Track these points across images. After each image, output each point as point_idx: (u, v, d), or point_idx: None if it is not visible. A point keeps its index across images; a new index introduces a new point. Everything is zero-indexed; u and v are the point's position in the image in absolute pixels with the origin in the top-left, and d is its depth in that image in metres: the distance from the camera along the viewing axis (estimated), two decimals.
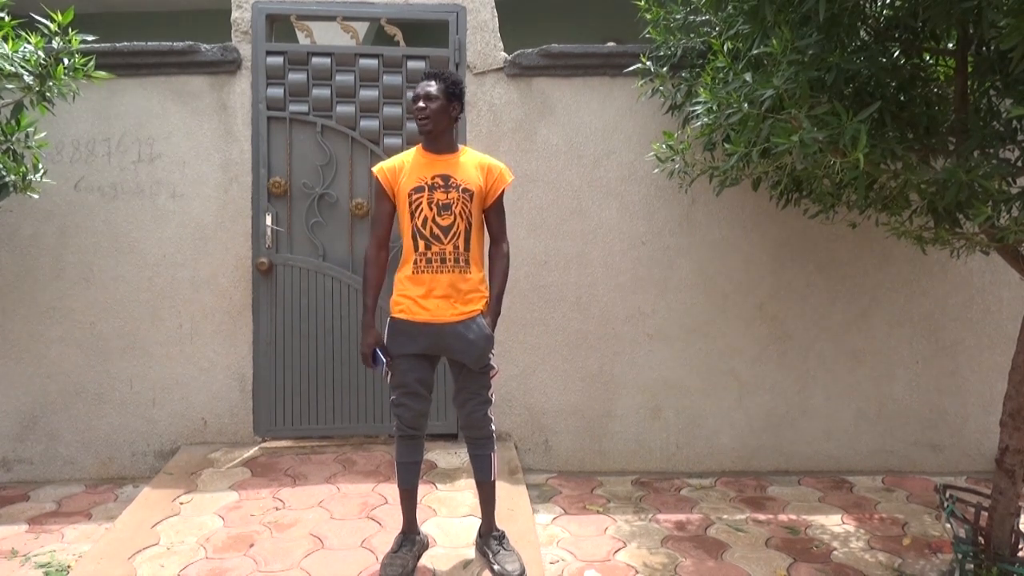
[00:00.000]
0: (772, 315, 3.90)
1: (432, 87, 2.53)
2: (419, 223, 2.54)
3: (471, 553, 2.76)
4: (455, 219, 2.54)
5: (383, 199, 2.62)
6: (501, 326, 3.71)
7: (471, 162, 2.63)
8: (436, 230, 2.54)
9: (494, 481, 2.71)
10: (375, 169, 2.63)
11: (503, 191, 2.66)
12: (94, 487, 3.71)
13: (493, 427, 2.68)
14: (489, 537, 2.71)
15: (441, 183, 2.55)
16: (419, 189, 2.54)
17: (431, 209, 2.53)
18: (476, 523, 2.86)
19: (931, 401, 3.93)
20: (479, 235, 2.64)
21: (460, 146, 2.67)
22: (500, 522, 2.79)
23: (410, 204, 2.54)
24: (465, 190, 2.56)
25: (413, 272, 2.55)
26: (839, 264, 3.89)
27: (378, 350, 2.60)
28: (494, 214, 2.68)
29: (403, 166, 2.59)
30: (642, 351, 3.88)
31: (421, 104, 2.52)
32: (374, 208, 2.70)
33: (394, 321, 2.59)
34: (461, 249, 2.56)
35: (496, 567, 2.58)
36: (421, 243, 2.54)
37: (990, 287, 3.89)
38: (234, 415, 3.83)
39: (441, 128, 2.57)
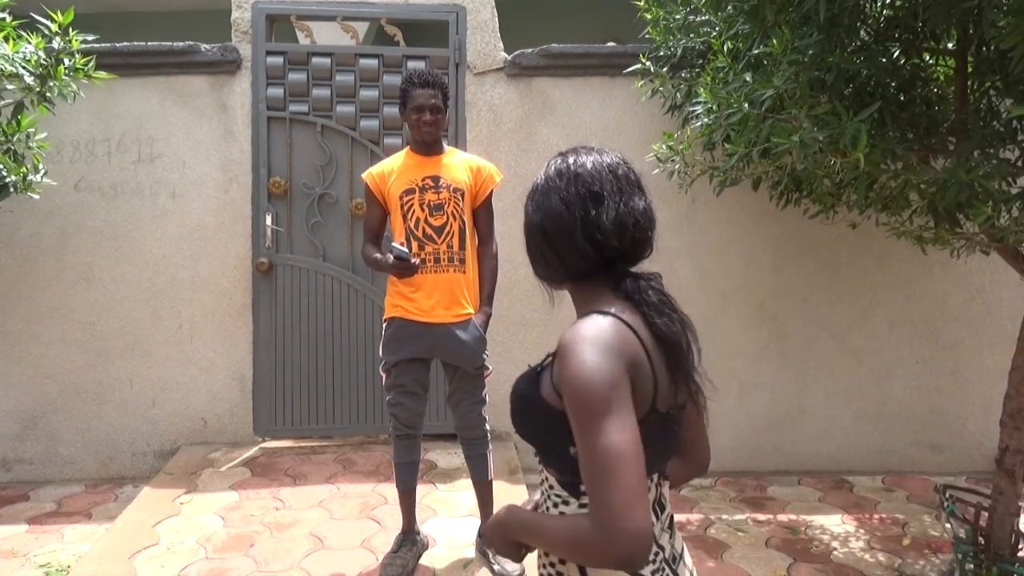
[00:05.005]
0: (772, 315, 3.89)
1: (437, 99, 2.54)
2: (412, 224, 2.56)
3: (471, 553, 2.76)
4: (447, 219, 2.56)
5: (374, 204, 2.66)
6: (501, 326, 3.71)
7: (460, 162, 2.66)
8: (429, 230, 2.55)
9: (492, 480, 2.71)
10: (364, 175, 2.67)
11: (492, 191, 2.69)
12: (94, 487, 3.71)
13: (488, 426, 2.68)
14: None
15: (431, 184, 2.57)
16: (410, 191, 2.56)
17: (423, 210, 2.55)
18: (476, 523, 2.86)
19: (931, 401, 3.93)
20: (474, 235, 2.67)
21: (447, 147, 2.70)
22: None
23: (402, 206, 2.57)
24: (456, 189, 2.58)
25: None
26: (839, 264, 3.89)
27: (395, 250, 2.44)
28: (483, 214, 2.70)
29: (392, 170, 2.62)
30: None
31: (429, 117, 2.53)
32: (366, 213, 2.75)
33: (390, 321, 2.60)
34: (456, 248, 2.58)
35: (496, 567, 2.58)
36: (415, 244, 2.55)
37: (990, 287, 3.89)
38: (234, 415, 3.83)
39: (440, 134, 2.61)
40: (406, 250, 2.48)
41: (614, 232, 1.09)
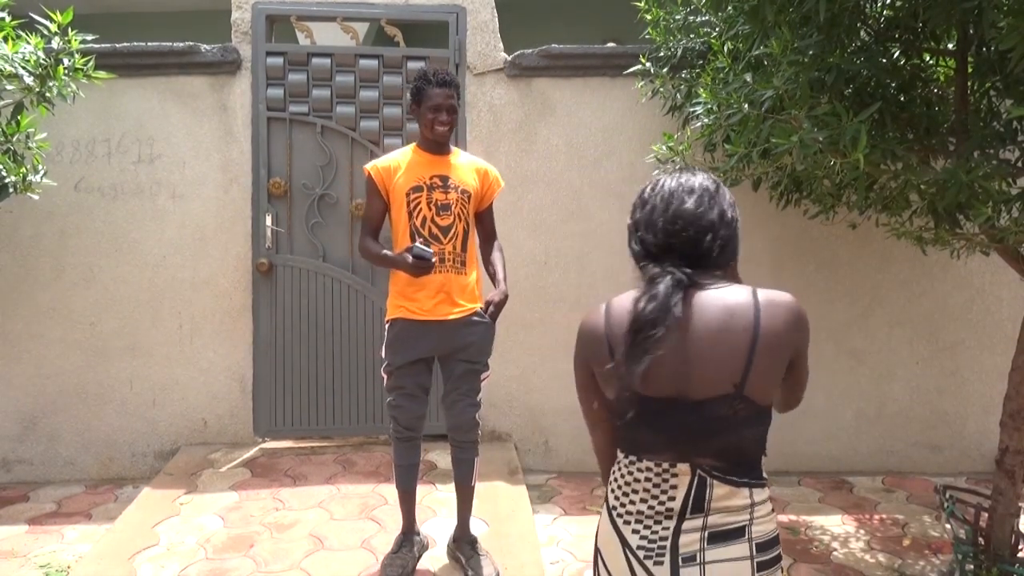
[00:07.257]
0: None
1: (454, 99, 2.54)
2: (418, 223, 2.53)
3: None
4: (454, 220, 2.55)
5: (376, 197, 2.61)
6: (501, 327, 3.68)
7: (467, 165, 2.65)
8: (435, 230, 2.54)
9: (474, 486, 2.69)
10: (368, 167, 2.62)
11: (495, 196, 2.73)
12: (94, 487, 3.71)
13: (480, 432, 2.67)
14: (463, 542, 2.68)
15: (440, 183, 2.55)
16: (418, 188, 2.54)
17: (430, 209, 2.54)
18: (477, 524, 2.86)
19: (931, 402, 3.92)
20: (474, 238, 2.67)
21: (452, 147, 2.68)
22: (500, 522, 2.80)
23: (408, 203, 2.54)
24: (464, 191, 2.57)
25: None
26: (839, 264, 3.89)
27: (417, 250, 2.44)
28: (487, 216, 2.73)
29: (399, 166, 2.58)
30: None
31: (446, 117, 2.51)
32: (366, 206, 2.69)
33: (393, 323, 2.59)
34: (459, 251, 2.57)
35: (470, 572, 2.56)
36: (420, 243, 2.53)
37: (990, 287, 3.89)
38: (234, 415, 3.83)
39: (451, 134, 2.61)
40: (430, 251, 2.44)
41: (630, 234, 1.39)
